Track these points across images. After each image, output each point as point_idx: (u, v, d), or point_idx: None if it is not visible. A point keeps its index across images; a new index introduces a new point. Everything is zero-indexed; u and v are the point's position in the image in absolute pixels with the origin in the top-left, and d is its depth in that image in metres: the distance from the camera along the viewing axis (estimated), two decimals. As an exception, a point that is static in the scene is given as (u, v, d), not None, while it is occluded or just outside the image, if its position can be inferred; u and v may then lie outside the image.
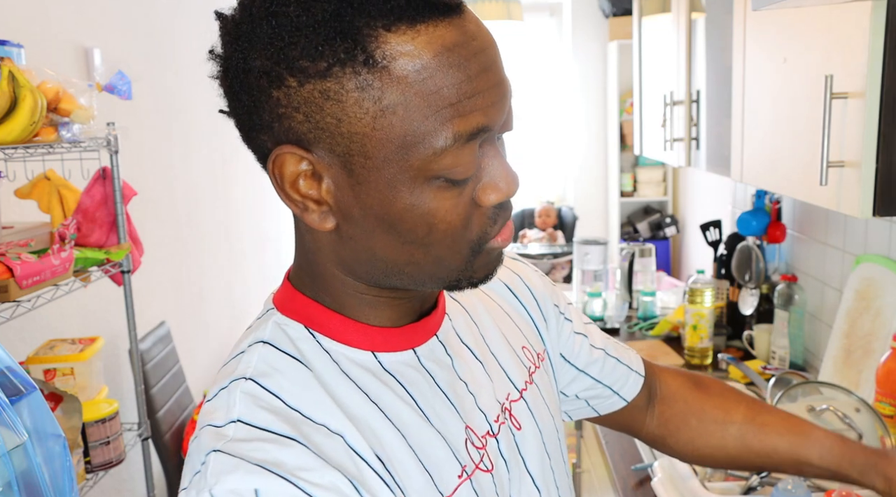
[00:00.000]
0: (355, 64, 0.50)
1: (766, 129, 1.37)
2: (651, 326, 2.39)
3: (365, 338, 0.60)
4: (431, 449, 0.59)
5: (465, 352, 0.67)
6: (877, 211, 1.02)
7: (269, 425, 0.53)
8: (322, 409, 0.56)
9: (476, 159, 0.54)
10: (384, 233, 0.55)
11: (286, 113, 0.52)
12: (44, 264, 1.41)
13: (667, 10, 2.17)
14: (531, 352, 0.76)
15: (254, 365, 0.57)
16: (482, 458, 0.63)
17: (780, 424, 0.86)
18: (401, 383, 0.60)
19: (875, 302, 1.55)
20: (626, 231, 4.74)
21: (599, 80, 4.96)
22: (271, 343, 0.59)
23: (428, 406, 0.61)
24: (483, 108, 0.52)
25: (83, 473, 1.59)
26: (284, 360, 0.58)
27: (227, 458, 0.51)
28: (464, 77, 0.51)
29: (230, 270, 3.12)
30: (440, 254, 0.56)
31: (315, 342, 0.60)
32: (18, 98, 1.33)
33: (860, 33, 1.00)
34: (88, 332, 2.00)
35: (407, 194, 0.53)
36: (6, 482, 1.02)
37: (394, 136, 0.51)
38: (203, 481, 0.51)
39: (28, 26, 1.81)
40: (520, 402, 0.70)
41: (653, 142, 2.38)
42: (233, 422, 0.54)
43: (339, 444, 0.55)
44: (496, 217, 0.57)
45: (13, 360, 1.09)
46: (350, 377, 0.59)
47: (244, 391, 0.56)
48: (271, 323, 0.61)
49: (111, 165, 1.75)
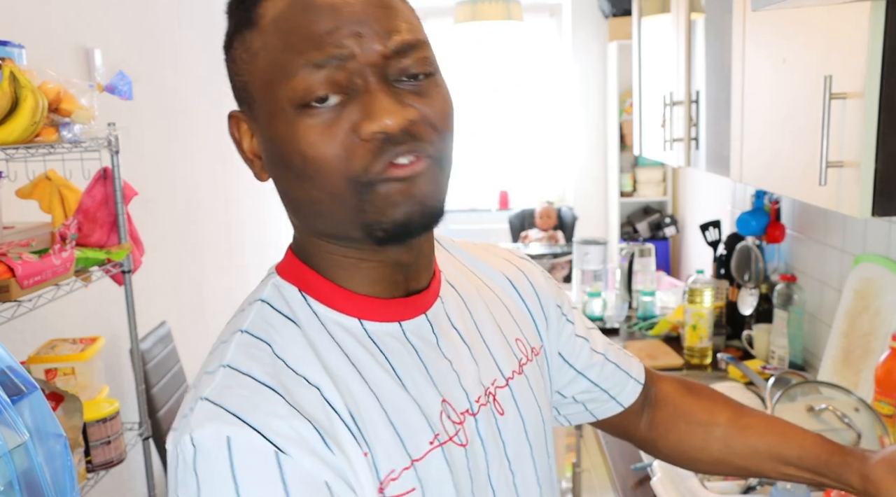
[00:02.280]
0: (241, 28, 0.61)
1: (766, 129, 1.38)
2: (651, 326, 2.39)
3: (353, 305, 0.64)
4: (405, 413, 0.62)
5: (454, 334, 0.70)
6: (876, 211, 1.02)
7: (252, 372, 0.59)
8: (304, 362, 0.61)
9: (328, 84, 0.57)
10: (282, 172, 0.61)
11: (234, 71, 0.63)
12: (45, 264, 1.41)
13: (666, 11, 2.17)
14: (525, 345, 0.78)
15: (250, 319, 0.63)
16: (457, 432, 0.66)
17: (761, 426, 0.87)
18: (381, 351, 0.64)
19: (874, 302, 1.55)
20: (625, 231, 4.74)
21: (599, 81, 4.96)
22: (268, 302, 0.65)
23: (406, 374, 0.64)
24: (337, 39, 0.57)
25: (84, 473, 1.59)
26: (278, 317, 0.63)
27: (209, 406, 0.57)
28: (317, 15, 0.57)
29: (230, 270, 3.12)
30: (329, 188, 0.58)
31: (307, 305, 0.64)
32: (19, 98, 1.34)
33: (859, 33, 1.00)
34: (89, 332, 2.00)
35: (283, 127, 0.58)
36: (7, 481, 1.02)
37: (261, 74, 0.59)
38: (187, 425, 0.57)
39: (29, 27, 1.81)
40: (505, 389, 0.72)
41: (652, 142, 2.38)
42: (223, 366, 0.60)
43: (314, 396, 0.59)
44: (378, 152, 0.57)
45: (14, 360, 1.09)
46: (334, 338, 0.63)
47: (238, 342, 0.62)
48: (270, 284, 0.66)
49: (112, 165, 1.75)
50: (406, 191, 0.58)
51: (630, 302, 2.53)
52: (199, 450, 0.55)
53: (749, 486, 1.26)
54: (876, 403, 1.34)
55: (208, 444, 0.55)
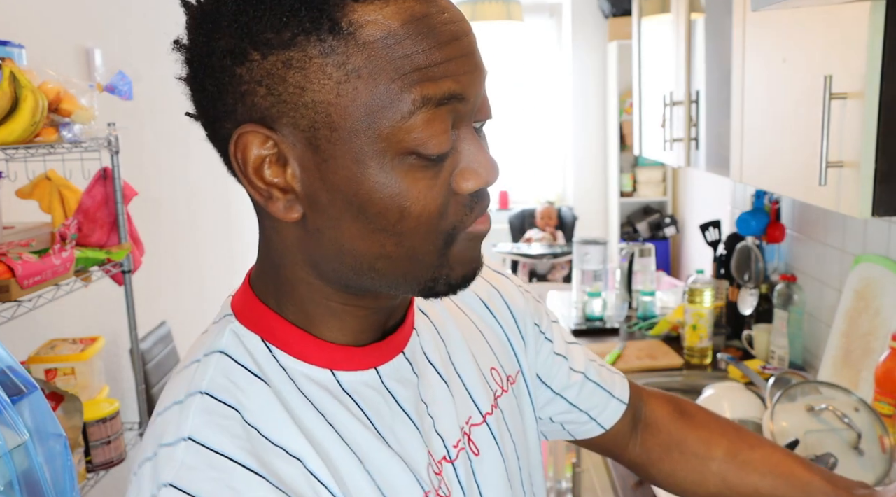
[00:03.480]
0: (320, 32, 0.47)
1: (766, 129, 1.38)
2: (651, 326, 2.39)
3: (324, 355, 0.56)
4: (390, 473, 0.56)
5: (430, 371, 0.64)
6: (876, 211, 1.02)
7: (223, 449, 0.50)
8: (281, 428, 0.52)
9: (449, 133, 0.50)
10: (353, 219, 0.50)
11: (249, 89, 0.49)
12: (45, 264, 1.41)
13: (666, 11, 2.17)
14: (500, 374, 0.72)
15: (209, 376, 0.53)
16: (440, 483, 0.60)
17: (762, 464, 0.81)
18: (358, 404, 0.57)
19: (874, 302, 1.55)
20: (625, 231, 4.74)
21: (599, 81, 4.96)
22: (228, 354, 0.55)
23: (386, 429, 0.57)
24: (454, 76, 0.50)
25: (84, 473, 1.59)
26: (242, 373, 0.54)
27: (176, 493, 0.48)
28: (433, 44, 0.49)
29: (230, 270, 3.12)
30: (413, 244, 0.51)
31: (272, 357, 0.56)
32: (20, 98, 1.34)
33: (859, 33, 1.00)
34: (89, 332, 2.00)
35: (376, 170, 0.49)
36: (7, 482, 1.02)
37: (359, 102, 0.48)
38: None
39: (29, 27, 1.81)
40: (482, 426, 0.66)
41: (652, 142, 2.38)
42: (184, 440, 0.50)
43: (297, 470, 0.51)
44: (472, 206, 0.53)
45: (14, 360, 1.09)
46: (307, 396, 0.55)
47: (199, 407, 0.52)
48: (228, 331, 0.57)
49: (112, 165, 1.75)
50: (478, 244, 0.55)
51: (630, 302, 2.53)
52: None
53: None
54: (876, 403, 1.34)
55: None
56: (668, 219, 4.48)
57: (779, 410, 1.28)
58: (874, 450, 1.21)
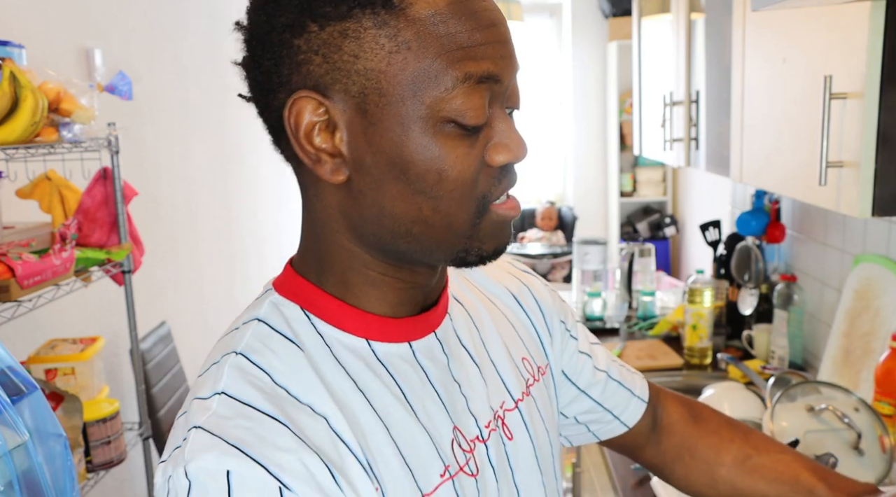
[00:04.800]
0: (375, 6, 0.52)
1: (766, 129, 1.38)
2: (651, 326, 2.39)
3: (361, 324, 0.60)
4: (415, 444, 0.59)
5: (463, 353, 0.67)
6: (876, 211, 1.02)
7: (253, 401, 0.54)
8: (309, 389, 0.56)
9: (486, 108, 0.55)
10: (394, 181, 0.54)
11: (305, 58, 0.53)
12: (45, 264, 1.41)
13: (666, 11, 2.17)
14: (531, 364, 0.75)
15: (245, 341, 0.58)
16: (468, 461, 0.62)
17: (769, 470, 0.84)
18: (391, 375, 0.60)
19: (874, 302, 1.55)
20: (625, 231, 4.74)
21: (599, 81, 4.96)
22: (266, 321, 0.59)
23: (417, 401, 0.60)
24: (493, 58, 0.54)
25: (84, 473, 1.59)
26: (277, 338, 0.58)
27: (206, 435, 0.52)
28: (475, 25, 0.53)
29: (230, 270, 3.12)
30: (448, 210, 0.55)
31: (310, 324, 0.59)
32: (20, 98, 1.34)
33: (859, 33, 1.00)
34: (89, 332, 2.00)
35: (419, 135, 0.53)
36: (7, 482, 1.02)
37: (408, 71, 0.52)
38: (181, 456, 0.51)
39: (29, 27, 1.81)
40: (514, 412, 0.69)
41: (652, 142, 2.38)
42: (217, 394, 0.54)
43: (321, 426, 0.54)
44: (500, 179, 0.57)
45: (14, 360, 1.09)
46: (340, 362, 0.58)
47: (233, 365, 0.56)
48: (268, 302, 0.61)
49: (112, 165, 1.75)
50: (508, 223, 0.60)
51: (630, 302, 2.53)
52: (195, 484, 0.50)
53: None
54: (876, 403, 1.34)
55: (205, 478, 0.50)
56: (668, 219, 4.48)
57: (779, 410, 1.28)
58: (874, 450, 1.21)
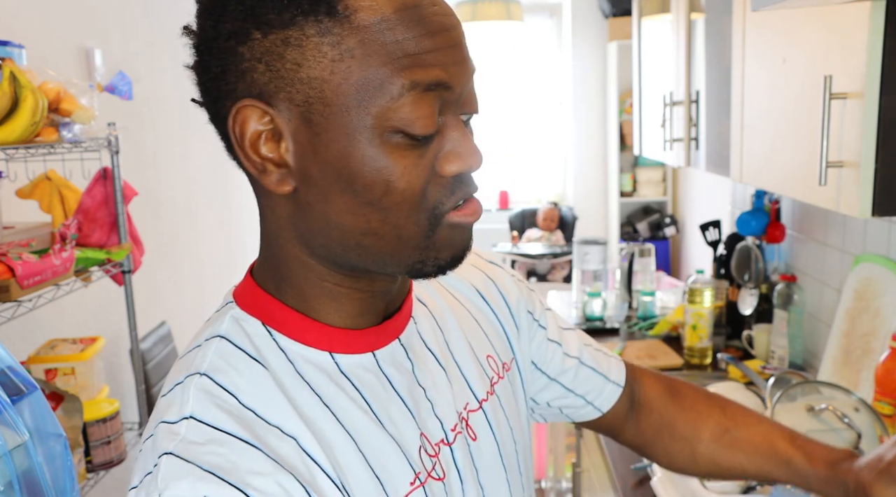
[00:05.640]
0: (318, 13, 0.51)
1: (766, 129, 1.38)
2: (651, 326, 2.39)
3: (323, 337, 0.59)
4: (383, 455, 0.58)
5: (429, 357, 0.66)
6: (876, 211, 1.02)
7: (223, 425, 0.53)
8: (277, 409, 0.55)
9: (435, 116, 0.53)
10: (341, 192, 0.53)
11: (249, 66, 0.52)
12: (45, 264, 1.41)
13: (666, 11, 2.17)
14: (496, 361, 0.75)
15: (209, 360, 0.56)
16: (434, 465, 0.62)
17: (746, 443, 0.84)
18: (356, 387, 0.59)
19: (874, 302, 1.55)
20: (625, 231, 4.74)
21: (599, 81, 4.96)
22: (228, 338, 0.58)
23: (382, 411, 0.60)
24: (443, 65, 0.53)
25: (84, 473, 1.59)
26: (240, 356, 0.57)
27: (178, 462, 0.50)
28: (424, 32, 0.52)
29: (230, 270, 3.12)
30: (398, 222, 0.54)
31: (272, 340, 0.58)
32: (20, 98, 1.34)
33: (859, 33, 1.00)
34: (89, 332, 2.00)
35: (365, 145, 0.52)
36: (7, 482, 1.02)
37: (352, 80, 0.51)
38: (153, 484, 0.50)
39: (29, 27, 1.81)
40: (478, 412, 0.69)
41: (652, 142, 2.38)
42: (185, 418, 0.53)
43: (291, 447, 0.54)
44: (454, 189, 0.56)
45: (14, 360, 1.09)
46: (305, 379, 0.57)
47: (198, 387, 0.54)
48: (228, 317, 0.59)
49: (112, 165, 1.75)
50: (466, 229, 0.58)
51: (630, 302, 2.53)
52: None
53: (749, 486, 1.26)
54: (876, 403, 1.34)
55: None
56: (668, 219, 4.48)
57: (779, 410, 1.28)
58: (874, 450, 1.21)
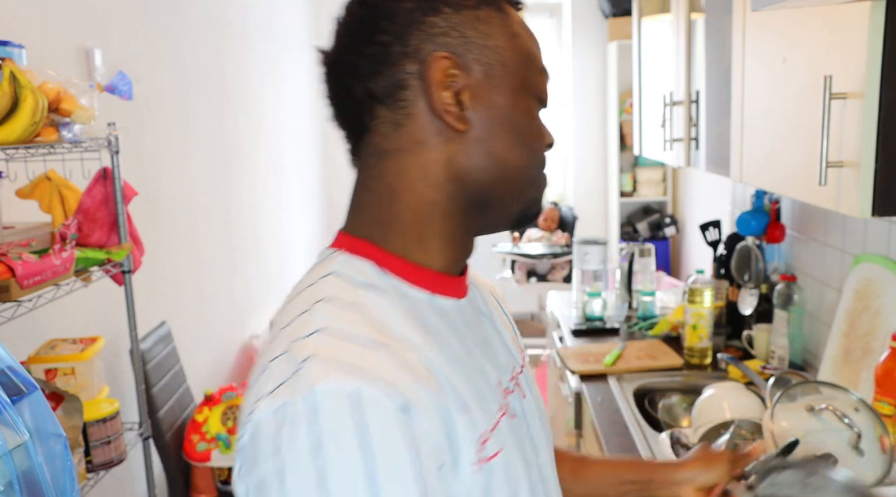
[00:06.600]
0: (493, 8, 0.67)
1: (766, 129, 1.38)
2: (650, 326, 2.39)
3: (426, 278, 0.66)
4: (479, 382, 0.66)
5: (484, 319, 0.75)
6: (876, 211, 1.02)
7: (357, 332, 0.57)
8: (401, 323, 0.61)
9: None
10: (507, 132, 0.67)
11: (442, 31, 0.65)
12: (45, 264, 1.41)
13: (666, 11, 2.18)
14: (520, 347, 0.83)
15: (329, 289, 0.62)
16: (508, 403, 0.70)
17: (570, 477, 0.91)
18: (451, 321, 0.67)
19: (874, 302, 1.55)
20: (625, 231, 4.74)
21: (599, 80, 4.96)
22: (342, 274, 0.64)
23: (472, 346, 0.68)
24: None
25: (84, 473, 1.59)
26: (358, 286, 0.62)
27: (324, 362, 0.54)
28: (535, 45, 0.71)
29: (231, 270, 3.12)
30: (533, 161, 0.69)
31: (382, 276, 0.65)
32: (19, 98, 1.34)
33: (859, 33, 1.00)
34: (89, 332, 2.00)
35: (524, 101, 0.68)
36: (7, 482, 1.02)
37: (521, 52, 0.68)
38: (300, 382, 0.53)
39: (29, 27, 1.81)
40: (522, 375, 0.78)
41: (652, 142, 2.38)
42: (317, 331, 0.57)
43: (419, 358, 0.59)
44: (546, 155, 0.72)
45: (14, 360, 1.09)
46: (415, 307, 0.64)
47: (325, 308, 0.59)
48: (338, 259, 0.66)
49: (112, 165, 1.75)
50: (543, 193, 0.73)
51: (630, 302, 2.53)
52: (323, 407, 0.51)
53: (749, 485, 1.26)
54: (876, 403, 1.34)
55: (332, 401, 0.52)
56: (668, 219, 4.48)
57: (779, 410, 1.28)
58: (874, 450, 1.21)
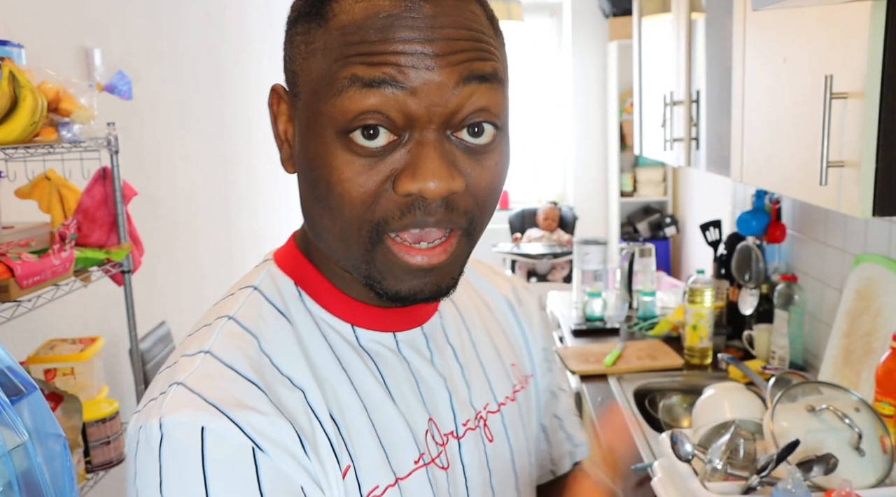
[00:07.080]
0: (309, 16, 0.55)
1: (766, 128, 1.37)
2: (651, 326, 2.39)
3: (348, 310, 0.62)
4: (392, 428, 0.60)
5: (448, 351, 0.67)
6: (876, 211, 1.02)
7: (235, 364, 0.55)
8: (292, 361, 0.57)
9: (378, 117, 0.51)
10: (304, 180, 0.57)
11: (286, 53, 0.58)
12: (44, 264, 1.41)
13: (667, 11, 2.17)
14: (520, 371, 0.76)
15: (239, 306, 0.60)
16: (440, 454, 0.63)
17: None
18: (373, 360, 0.61)
19: (875, 302, 1.55)
20: (626, 231, 4.74)
21: (599, 80, 4.96)
22: (261, 290, 0.61)
23: (396, 387, 0.61)
24: (400, 66, 0.50)
25: (84, 473, 1.59)
26: (269, 309, 0.60)
27: (186, 391, 0.53)
28: (388, 36, 0.50)
29: (230, 270, 3.12)
30: (342, 225, 0.54)
31: (300, 300, 0.61)
32: (19, 98, 1.33)
33: (860, 33, 1.00)
34: (89, 332, 2.00)
35: (318, 141, 0.54)
36: (7, 482, 1.02)
37: (312, 77, 0.54)
38: (157, 409, 0.52)
39: (28, 26, 1.81)
40: (497, 414, 0.69)
41: (653, 142, 2.38)
42: (203, 352, 0.56)
43: (297, 399, 0.56)
44: (404, 211, 0.53)
45: (14, 360, 1.09)
46: (327, 340, 0.60)
47: (223, 329, 0.58)
48: (265, 272, 0.63)
49: (111, 165, 1.75)
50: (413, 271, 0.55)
51: (630, 302, 2.53)
52: (168, 436, 0.50)
53: (749, 486, 1.26)
54: (876, 403, 1.34)
55: (179, 433, 0.50)
56: (668, 219, 4.48)
57: (779, 410, 1.28)
58: (875, 450, 1.21)
